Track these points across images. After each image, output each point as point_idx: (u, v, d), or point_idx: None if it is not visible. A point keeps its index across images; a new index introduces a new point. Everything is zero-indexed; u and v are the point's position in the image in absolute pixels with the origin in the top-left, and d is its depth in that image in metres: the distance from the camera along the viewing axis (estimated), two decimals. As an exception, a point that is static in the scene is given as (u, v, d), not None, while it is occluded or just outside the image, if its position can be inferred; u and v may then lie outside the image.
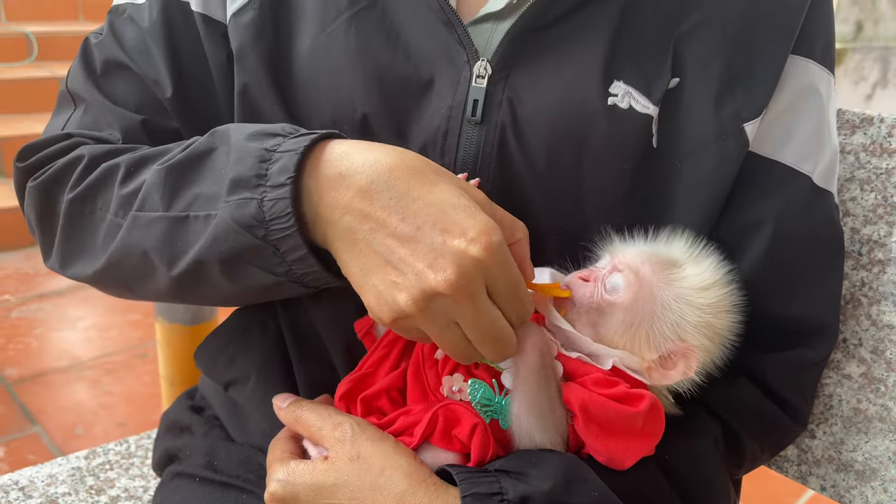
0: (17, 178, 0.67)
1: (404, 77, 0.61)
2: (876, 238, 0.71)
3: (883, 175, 0.71)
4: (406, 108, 0.61)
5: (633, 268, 0.57)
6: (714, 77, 0.60)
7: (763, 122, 0.62)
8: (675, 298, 0.56)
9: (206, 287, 0.58)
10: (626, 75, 0.59)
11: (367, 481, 0.52)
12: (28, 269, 2.64)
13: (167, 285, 0.58)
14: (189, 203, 0.55)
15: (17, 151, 0.67)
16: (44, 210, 0.65)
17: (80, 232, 0.63)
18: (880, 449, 0.71)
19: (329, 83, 0.62)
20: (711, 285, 0.57)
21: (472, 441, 0.54)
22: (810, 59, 0.63)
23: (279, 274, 0.54)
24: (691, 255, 0.58)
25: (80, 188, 0.62)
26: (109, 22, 0.69)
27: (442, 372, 0.57)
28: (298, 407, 0.59)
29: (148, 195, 0.57)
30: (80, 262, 0.63)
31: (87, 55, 0.69)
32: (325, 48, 0.62)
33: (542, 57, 0.60)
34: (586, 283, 0.57)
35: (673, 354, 0.56)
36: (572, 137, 0.59)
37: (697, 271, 0.57)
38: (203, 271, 0.55)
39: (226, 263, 0.54)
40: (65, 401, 1.95)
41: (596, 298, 0.57)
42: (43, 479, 0.92)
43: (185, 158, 0.57)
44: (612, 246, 0.59)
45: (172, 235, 0.56)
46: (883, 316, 0.71)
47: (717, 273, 0.57)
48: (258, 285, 0.56)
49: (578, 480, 0.52)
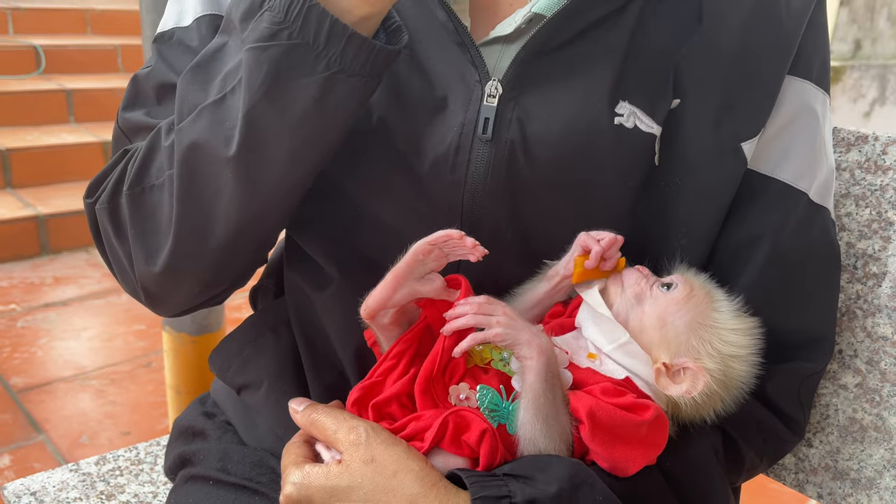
0: (88, 214, 0.68)
1: (420, 93, 0.63)
2: (871, 252, 0.74)
3: (877, 191, 0.73)
4: (420, 124, 0.63)
5: (690, 282, 0.61)
6: (713, 98, 0.63)
7: (761, 140, 0.64)
8: (713, 322, 0.60)
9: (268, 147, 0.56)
10: (631, 96, 0.61)
11: (380, 484, 0.54)
12: (34, 279, 2.66)
13: (234, 177, 0.57)
14: (221, 85, 0.57)
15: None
16: (115, 222, 0.65)
17: (149, 211, 0.62)
18: (875, 458, 0.73)
19: None
20: (744, 331, 0.60)
21: (481, 446, 0.55)
22: (807, 80, 0.66)
23: (321, 71, 0.53)
24: (735, 307, 0.62)
25: (133, 171, 0.63)
26: (157, 50, 0.70)
27: (449, 382, 0.59)
28: (314, 411, 0.60)
29: (182, 104, 0.59)
30: (161, 242, 0.62)
31: (137, 88, 0.70)
32: None
33: (552, 78, 0.62)
34: (641, 274, 0.61)
35: (684, 369, 0.58)
36: (580, 155, 0.61)
37: (736, 316, 0.61)
38: (257, 126, 0.55)
39: (270, 95, 0.54)
40: (70, 410, 1.97)
41: (645, 287, 0.60)
42: (55, 485, 0.93)
43: (202, 58, 0.60)
44: (676, 268, 0.63)
45: (219, 117, 0.56)
46: (878, 328, 0.73)
47: (753, 328, 0.61)
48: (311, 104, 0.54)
49: (584, 485, 0.54)
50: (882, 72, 4.05)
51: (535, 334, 0.56)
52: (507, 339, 0.56)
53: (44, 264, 2.78)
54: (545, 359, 0.55)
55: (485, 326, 0.56)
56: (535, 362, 0.55)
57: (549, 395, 0.55)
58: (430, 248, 0.57)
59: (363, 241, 0.67)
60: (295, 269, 0.72)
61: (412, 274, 0.58)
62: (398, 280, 0.58)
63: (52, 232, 2.81)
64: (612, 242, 0.60)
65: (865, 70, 3.96)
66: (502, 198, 0.62)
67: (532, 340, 0.55)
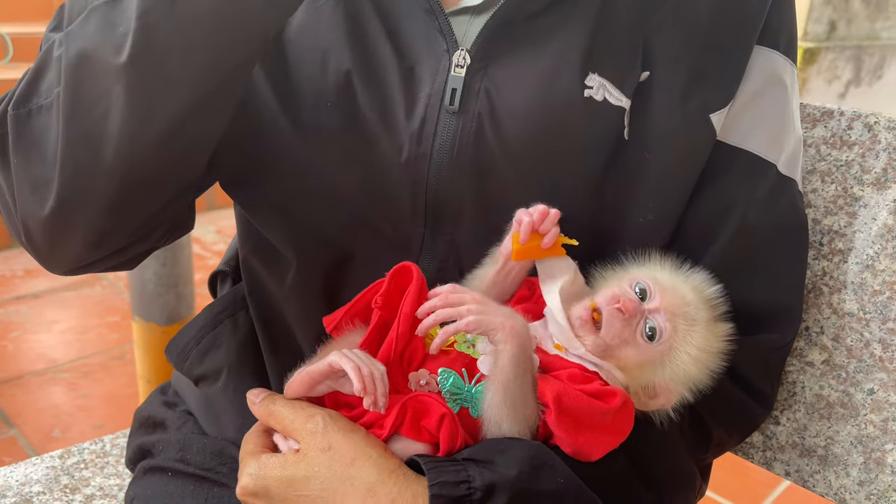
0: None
1: (387, 62, 0.61)
2: (836, 228, 0.73)
3: (843, 167, 0.73)
4: (389, 95, 0.61)
5: (674, 317, 0.57)
6: (682, 69, 0.62)
7: (730, 111, 0.64)
8: (687, 354, 0.57)
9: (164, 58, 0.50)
10: (601, 68, 0.60)
11: (337, 472, 0.53)
12: (5, 272, 2.61)
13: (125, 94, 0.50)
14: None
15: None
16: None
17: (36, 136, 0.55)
18: (842, 434, 0.73)
19: (315, 58, 0.62)
20: (714, 352, 0.59)
21: (440, 431, 0.55)
22: (775, 51, 0.65)
23: None
24: (714, 311, 0.60)
25: (21, 88, 0.56)
26: None
27: (408, 369, 0.58)
28: (272, 402, 0.59)
29: (74, 3, 0.53)
30: (47, 175, 0.54)
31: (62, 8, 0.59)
32: (312, 24, 0.63)
33: (521, 49, 0.61)
34: (622, 317, 0.56)
35: (659, 389, 0.58)
36: (548, 128, 0.60)
37: (714, 325, 0.59)
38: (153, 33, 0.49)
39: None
40: (42, 403, 1.94)
41: (627, 337, 0.56)
42: (17, 479, 0.91)
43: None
44: (654, 271, 0.59)
45: (110, 20, 0.51)
46: (843, 304, 0.72)
47: (727, 331, 0.60)
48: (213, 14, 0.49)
49: (545, 467, 0.53)
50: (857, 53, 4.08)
51: (508, 317, 0.54)
52: (481, 327, 0.54)
53: (14, 257, 2.73)
54: (520, 342, 0.54)
55: (455, 318, 0.54)
56: (509, 346, 0.53)
57: (519, 379, 0.54)
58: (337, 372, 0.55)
59: (320, 219, 0.65)
60: (251, 252, 0.71)
61: (328, 378, 0.57)
62: (313, 382, 0.57)
63: (22, 223, 2.76)
64: (543, 216, 0.58)
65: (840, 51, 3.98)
66: (468, 172, 0.61)
67: (506, 324, 0.54)
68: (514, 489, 0.51)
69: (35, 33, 3.63)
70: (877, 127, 0.71)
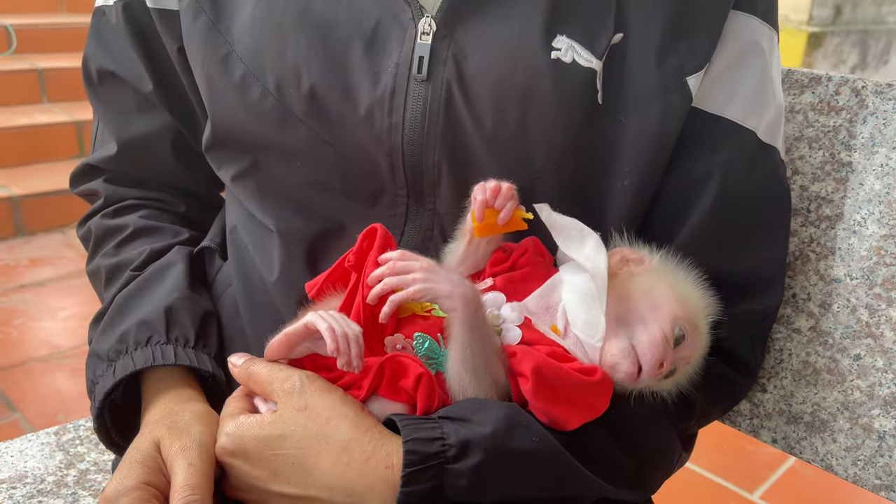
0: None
1: (349, 36, 0.61)
2: (824, 195, 0.73)
3: (830, 133, 0.72)
4: (352, 69, 0.61)
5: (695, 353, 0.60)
6: (657, 31, 0.61)
7: (707, 78, 0.63)
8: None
9: None
10: (568, 29, 0.60)
11: (312, 431, 0.53)
12: (9, 261, 2.63)
13: None
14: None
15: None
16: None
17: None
18: (829, 400, 0.72)
19: (272, 48, 0.62)
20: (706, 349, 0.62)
21: (417, 391, 0.55)
22: (752, 15, 0.64)
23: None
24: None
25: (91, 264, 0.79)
26: (94, 26, 0.73)
27: (382, 334, 0.58)
28: (252, 364, 0.59)
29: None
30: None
31: (86, 68, 0.76)
32: (266, 13, 0.62)
33: (486, 13, 0.60)
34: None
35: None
36: (517, 92, 0.60)
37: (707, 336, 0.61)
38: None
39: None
40: (45, 389, 1.95)
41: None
42: (12, 454, 0.92)
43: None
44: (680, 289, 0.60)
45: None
46: (831, 270, 0.72)
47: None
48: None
49: (520, 426, 0.53)
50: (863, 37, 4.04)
51: (456, 284, 0.54)
52: (428, 295, 0.54)
53: (19, 246, 2.75)
54: (471, 309, 0.54)
55: (402, 286, 0.54)
56: (459, 314, 0.53)
57: (476, 345, 0.54)
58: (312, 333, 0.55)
59: (297, 192, 0.66)
60: (236, 222, 0.71)
61: (306, 340, 0.57)
62: (291, 343, 0.57)
63: (27, 213, 2.78)
64: (495, 193, 0.57)
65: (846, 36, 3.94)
66: (442, 140, 0.61)
67: (454, 291, 0.53)
68: (489, 446, 0.51)
69: (38, 25, 3.64)
70: (864, 91, 0.70)
